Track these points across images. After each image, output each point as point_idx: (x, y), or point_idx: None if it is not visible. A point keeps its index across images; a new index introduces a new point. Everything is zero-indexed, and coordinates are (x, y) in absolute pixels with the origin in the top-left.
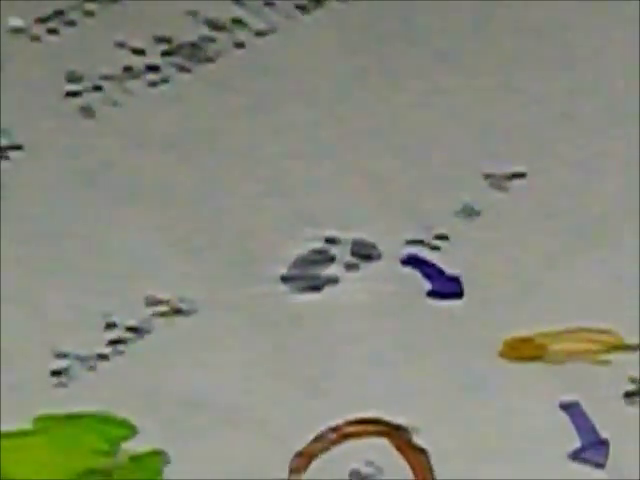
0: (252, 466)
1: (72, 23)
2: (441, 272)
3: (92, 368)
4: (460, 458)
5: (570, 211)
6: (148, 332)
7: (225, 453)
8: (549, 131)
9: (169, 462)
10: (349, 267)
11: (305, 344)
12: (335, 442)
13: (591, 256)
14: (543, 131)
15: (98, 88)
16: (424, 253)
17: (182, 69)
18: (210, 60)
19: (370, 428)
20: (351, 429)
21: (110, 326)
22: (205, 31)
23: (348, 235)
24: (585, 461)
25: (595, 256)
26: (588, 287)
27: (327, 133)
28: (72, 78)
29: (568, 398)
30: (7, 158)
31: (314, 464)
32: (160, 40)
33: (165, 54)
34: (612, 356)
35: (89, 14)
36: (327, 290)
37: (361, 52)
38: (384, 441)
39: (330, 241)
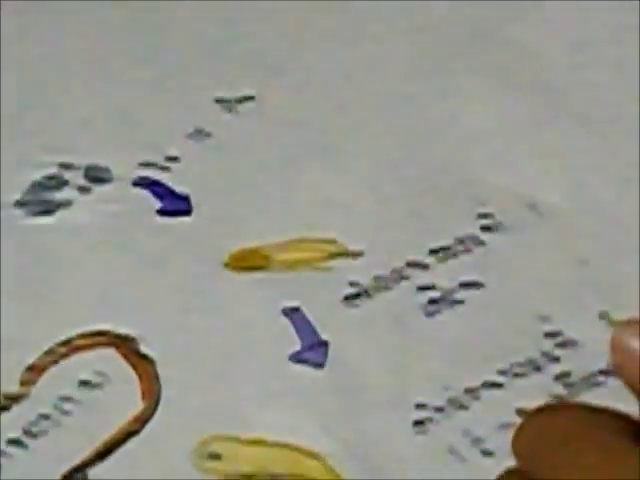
0: None
1: None
2: (171, 191)
3: None
4: (186, 364)
5: (297, 128)
6: None
7: None
8: (277, 55)
9: None
10: (82, 190)
11: (39, 264)
12: (65, 355)
13: (316, 168)
14: (271, 55)
15: None
16: (155, 175)
17: None
18: None
19: (98, 340)
20: (80, 342)
21: None
22: None
23: (82, 161)
24: (305, 362)
25: (319, 168)
26: (313, 198)
27: (77, 62)
28: None
29: (290, 304)
30: None
31: (44, 376)
32: None
33: None
34: (334, 263)
35: None
36: (60, 213)
37: None
38: (112, 351)
39: (64, 166)
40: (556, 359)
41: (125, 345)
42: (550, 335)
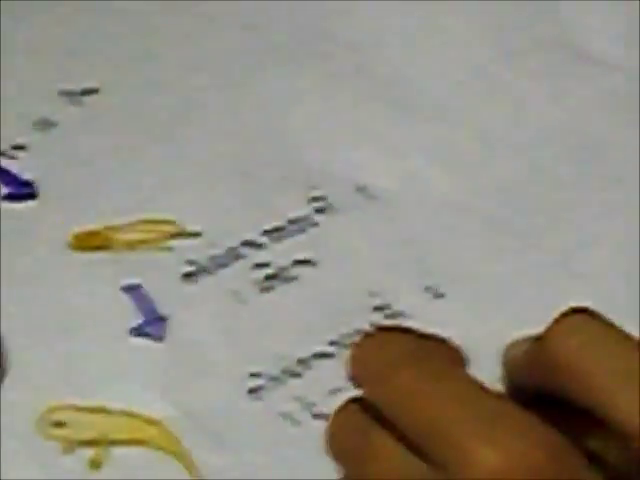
0: None
1: None
2: (16, 178)
3: None
4: (30, 340)
5: (138, 118)
6: None
7: None
8: (120, 50)
9: None
10: None
11: None
12: None
13: (156, 155)
14: (115, 50)
15: None
16: (2, 163)
17: None
18: None
19: None
20: None
21: None
22: None
23: None
24: (145, 335)
25: (159, 155)
26: (153, 182)
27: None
28: None
29: (130, 281)
30: None
31: None
32: None
33: None
34: (173, 242)
35: None
36: None
37: None
38: None
39: None
40: None
41: None
42: (379, 308)
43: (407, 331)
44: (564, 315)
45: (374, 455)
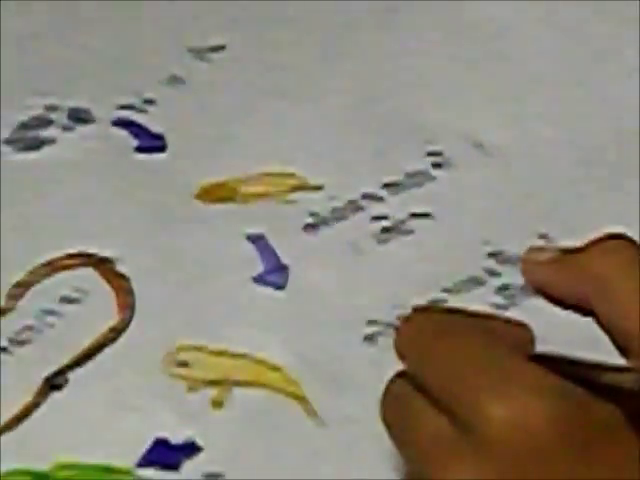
0: None
1: None
2: (147, 131)
3: None
4: (158, 282)
5: (264, 74)
6: None
7: None
8: (246, 7)
9: None
10: (66, 129)
11: (27, 195)
12: (48, 274)
13: (280, 111)
14: (244, 6)
15: None
16: (133, 116)
17: None
18: None
19: (78, 261)
20: (62, 262)
21: None
22: None
23: (66, 103)
24: (267, 283)
25: (284, 111)
26: (278, 137)
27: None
28: None
29: (254, 231)
30: None
31: (29, 292)
32: None
33: None
34: (296, 195)
35: None
36: (45, 149)
37: None
38: (91, 271)
39: (50, 108)
40: (497, 274)
41: (103, 265)
42: (492, 255)
43: (441, 309)
44: (603, 239)
45: (413, 420)
